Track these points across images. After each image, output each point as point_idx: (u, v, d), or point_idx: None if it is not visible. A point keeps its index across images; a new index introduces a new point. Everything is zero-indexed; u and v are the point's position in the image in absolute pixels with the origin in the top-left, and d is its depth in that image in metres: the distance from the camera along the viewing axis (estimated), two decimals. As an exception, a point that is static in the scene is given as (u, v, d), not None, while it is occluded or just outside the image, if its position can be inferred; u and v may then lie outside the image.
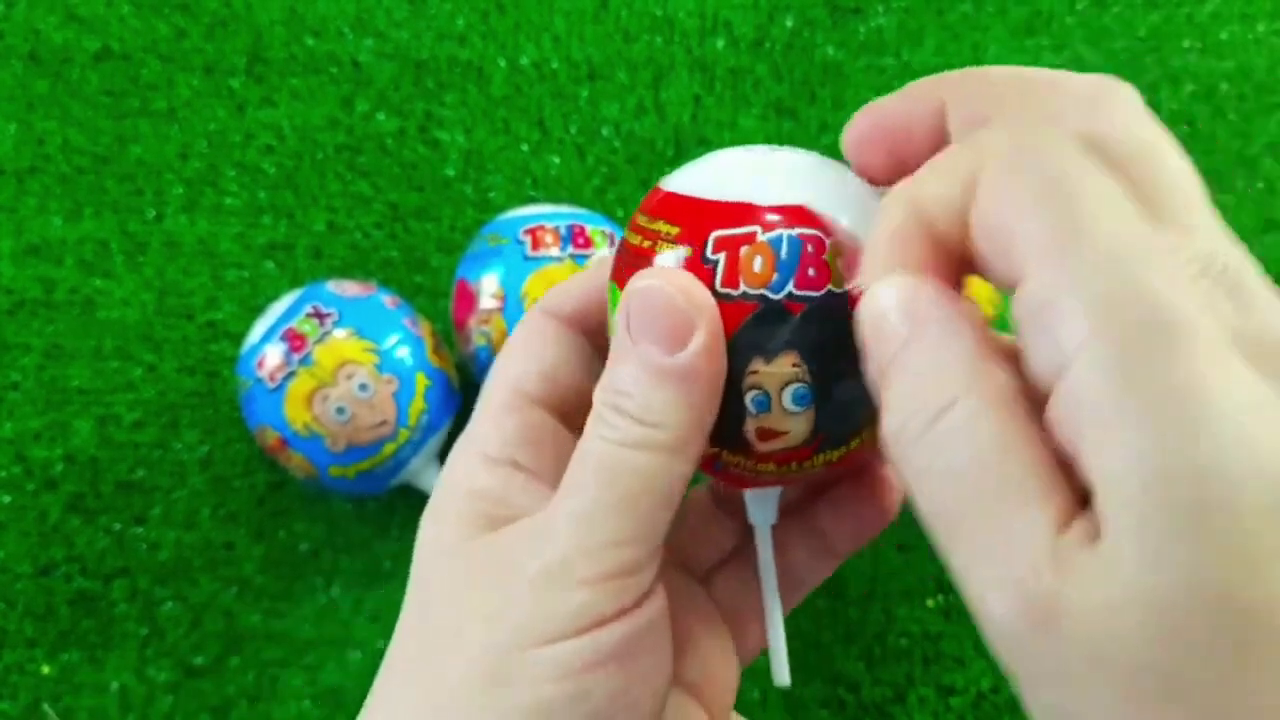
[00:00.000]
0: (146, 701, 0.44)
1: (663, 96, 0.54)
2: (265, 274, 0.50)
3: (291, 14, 0.54)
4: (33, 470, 0.47)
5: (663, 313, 0.20)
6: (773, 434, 0.22)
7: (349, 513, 0.47)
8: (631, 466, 0.21)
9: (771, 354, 0.21)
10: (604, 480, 0.21)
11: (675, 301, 0.20)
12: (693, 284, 0.21)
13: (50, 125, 0.52)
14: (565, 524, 0.21)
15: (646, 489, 0.21)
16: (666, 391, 0.20)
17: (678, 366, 0.20)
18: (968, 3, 0.56)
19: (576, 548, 0.20)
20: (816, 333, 0.21)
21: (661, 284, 0.21)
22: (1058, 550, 0.15)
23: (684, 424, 0.21)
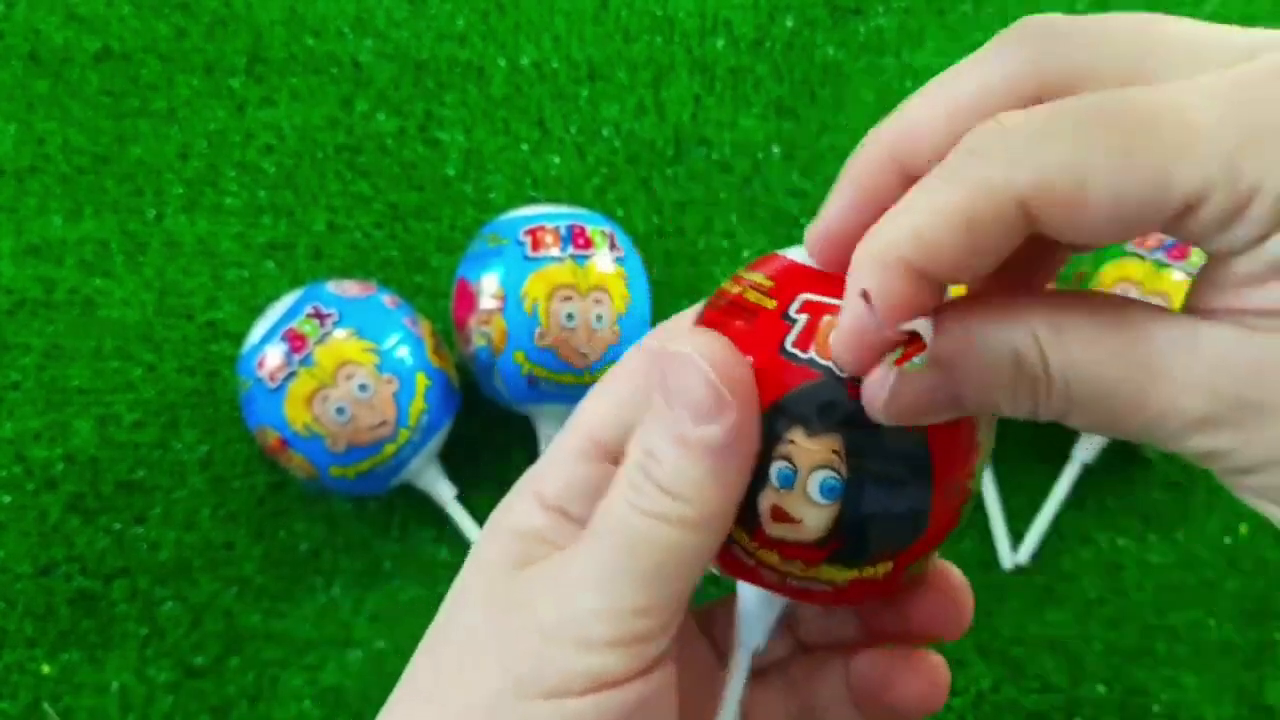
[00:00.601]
0: (146, 701, 0.44)
1: (663, 96, 0.54)
2: (265, 274, 0.50)
3: (291, 14, 0.54)
4: (33, 470, 0.47)
5: (692, 384, 0.20)
6: (786, 517, 0.20)
7: (349, 513, 0.47)
8: (653, 537, 0.20)
9: (815, 431, 0.19)
10: (624, 545, 0.20)
11: (707, 376, 0.20)
12: (731, 356, 0.20)
13: (50, 125, 0.52)
14: (582, 582, 0.20)
15: (667, 562, 0.20)
16: (696, 465, 0.20)
17: (707, 441, 0.20)
18: (968, 3, 0.56)
19: (591, 609, 0.20)
20: (869, 426, 0.19)
21: (695, 355, 0.20)
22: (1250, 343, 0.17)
23: (711, 501, 0.20)
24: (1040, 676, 0.44)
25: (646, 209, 0.52)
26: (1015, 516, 0.46)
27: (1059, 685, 0.44)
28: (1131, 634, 0.45)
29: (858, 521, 0.20)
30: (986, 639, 0.45)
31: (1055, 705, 0.44)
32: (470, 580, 0.23)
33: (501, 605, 0.22)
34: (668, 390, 0.20)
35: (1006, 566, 0.46)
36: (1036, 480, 0.46)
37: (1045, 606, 0.45)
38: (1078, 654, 0.44)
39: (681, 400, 0.20)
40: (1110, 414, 0.18)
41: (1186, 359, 0.17)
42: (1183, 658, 0.44)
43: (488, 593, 0.22)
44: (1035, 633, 0.45)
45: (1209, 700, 0.44)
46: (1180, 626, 0.45)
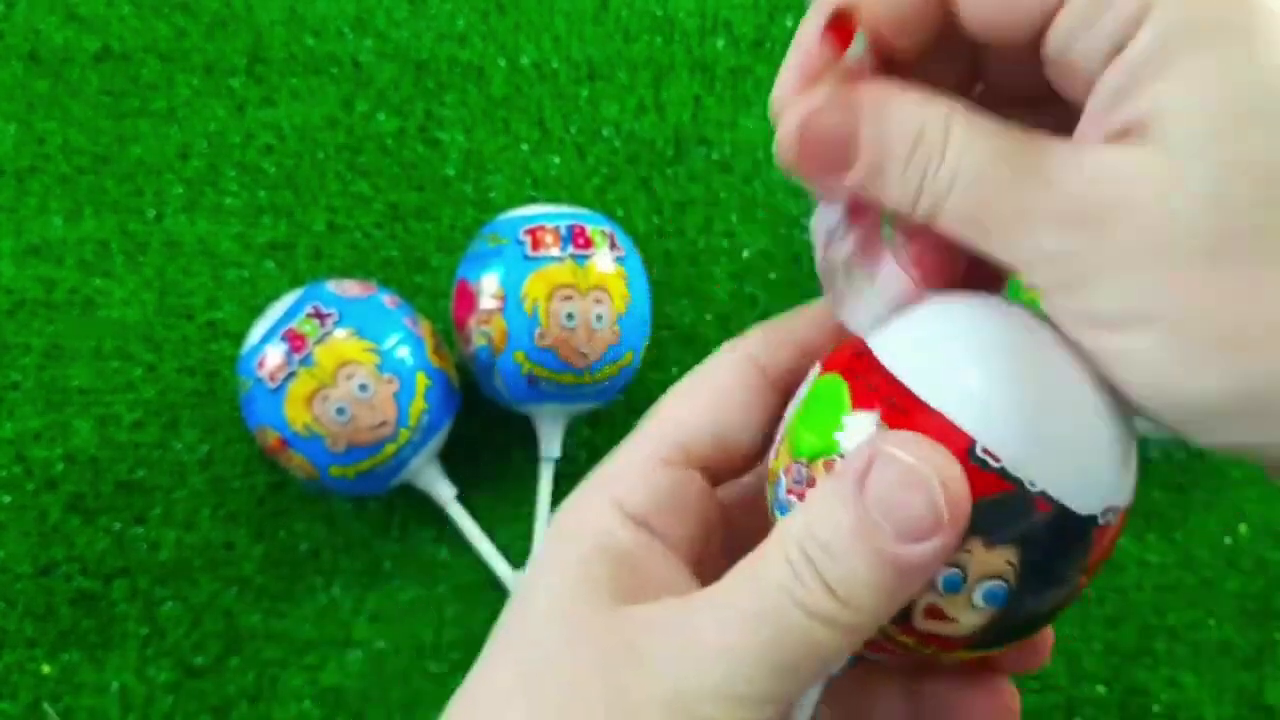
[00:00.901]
0: (147, 701, 0.44)
1: (663, 96, 0.54)
2: (265, 274, 0.50)
3: (291, 14, 0.54)
4: (33, 470, 0.47)
5: (915, 502, 0.18)
6: (943, 616, 0.19)
7: (349, 513, 0.47)
8: (806, 635, 0.18)
9: (995, 543, 0.18)
10: (770, 632, 0.19)
11: (935, 499, 0.18)
12: (958, 479, 0.18)
13: (50, 125, 0.52)
14: (715, 661, 0.19)
15: (810, 660, 0.19)
16: (875, 575, 0.18)
17: (902, 559, 0.18)
18: (968, 2, 0.56)
19: (718, 692, 0.19)
20: (1048, 542, 0.18)
21: (929, 471, 0.18)
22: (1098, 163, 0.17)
23: (878, 613, 0.19)
24: (1040, 676, 0.44)
25: (646, 209, 0.52)
26: (1015, 516, 0.46)
27: (1059, 685, 0.44)
28: (1131, 634, 0.45)
29: (1011, 622, 0.20)
30: (986, 639, 0.45)
31: (1055, 705, 0.44)
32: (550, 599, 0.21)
33: (608, 649, 0.19)
34: (874, 496, 0.18)
35: (1006, 566, 0.46)
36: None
37: (1045, 606, 0.45)
38: (1078, 654, 0.44)
39: (891, 513, 0.18)
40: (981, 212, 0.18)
41: (1063, 172, 0.18)
42: (1183, 658, 0.44)
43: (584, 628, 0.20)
44: (1035, 633, 0.45)
45: (1209, 700, 0.44)
46: (1180, 626, 0.45)
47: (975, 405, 0.18)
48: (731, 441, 0.22)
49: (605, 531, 0.21)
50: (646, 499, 0.21)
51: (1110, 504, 0.19)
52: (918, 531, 0.18)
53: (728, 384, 0.22)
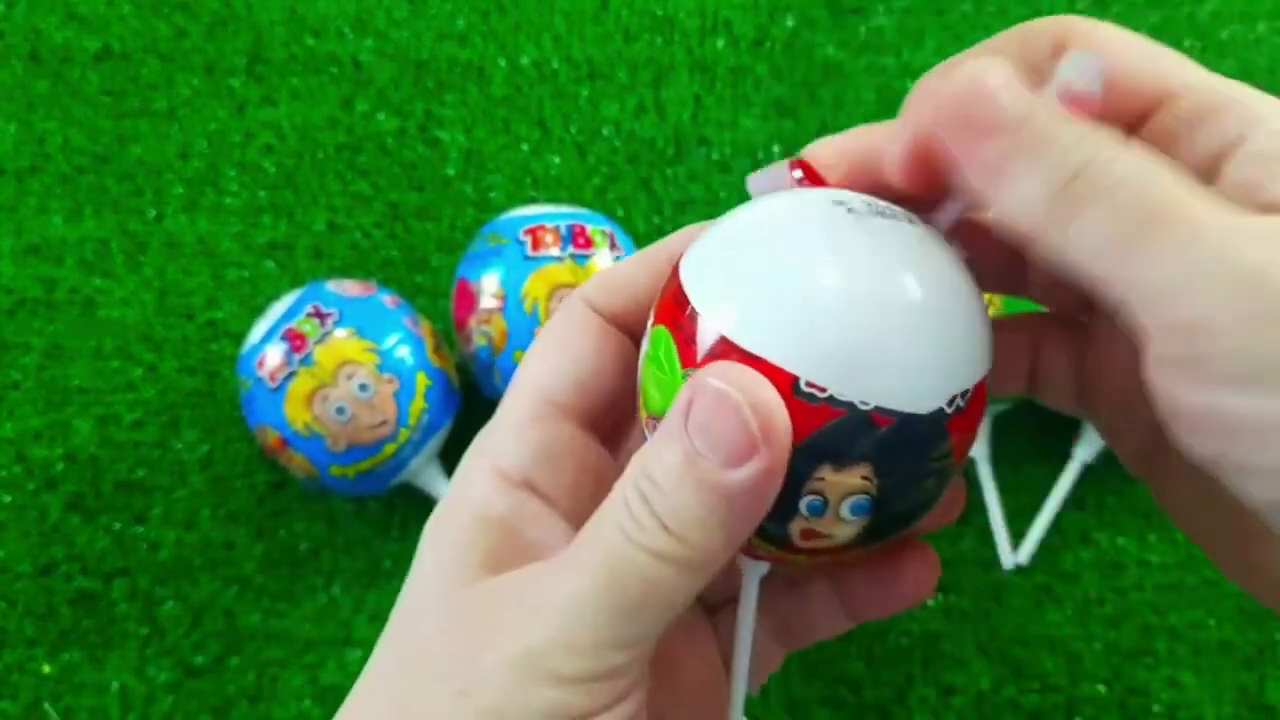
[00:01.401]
0: (147, 701, 0.44)
1: (663, 96, 0.54)
2: (265, 274, 0.50)
3: (292, 14, 0.54)
4: (33, 470, 0.47)
5: (729, 424, 0.18)
6: (817, 535, 0.20)
7: (349, 512, 0.47)
8: (643, 573, 0.19)
9: (843, 464, 0.19)
10: (612, 576, 0.19)
11: (746, 419, 0.18)
12: (769, 397, 0.18)
13: (50, 125, 0.52)
14: (558, 612, 0.19)
15: (652, 599, 0.19)
16: (705, 506, 0.18)
17: (726, 485, 0.18)
18: (968, 3, 0.56)
19: (563, 642, 0.19)
20: (897, 449, 0.19)
21: (737, 394, 0.18)
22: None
23: (713, 546, 0.19)
24: (1040, 676, 0.44)
25: (647, 209, 0.52)
26: (1015, 516, 0.46)
27: (1059, 685, 0.44)
28: (1131, 634, 0.45)
29: (886, 520, 0.20)
30: (986, 639, 0.45)
31: (1055, 705, 0.44)
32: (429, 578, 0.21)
33: (465, 622, 0.20)
34: (692, 424, 0.18)
35: (1007, 566, 0.46)
36: (1036, 480, 0.46)
37: (1045, 606, 0.45)
38: (1078, 654, 0.44)
39: (710, 439, 0.18)
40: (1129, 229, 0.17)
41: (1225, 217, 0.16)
42: (1183, 658, 0.44)
43: (451, 602, 0.20)
44: (1035, 633, 0.45)
45: (1209, 700, 0.44)
46: (1180, 626, 0.45)
47: (790, 344, 0.18)
48: (592, 387, 0.22)
49: (482, 500, 0.21)
50: (523, 457, 0.21)
51: (955, 391, 0.19)
52: (736, 454, 0.18)
53: (572, 334, 0.22)
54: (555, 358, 0.22)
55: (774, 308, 0.19)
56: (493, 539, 0.21)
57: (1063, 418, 0.46)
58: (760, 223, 0.20)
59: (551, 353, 0.23)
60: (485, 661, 0.19)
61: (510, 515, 0.21)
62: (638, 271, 0.23)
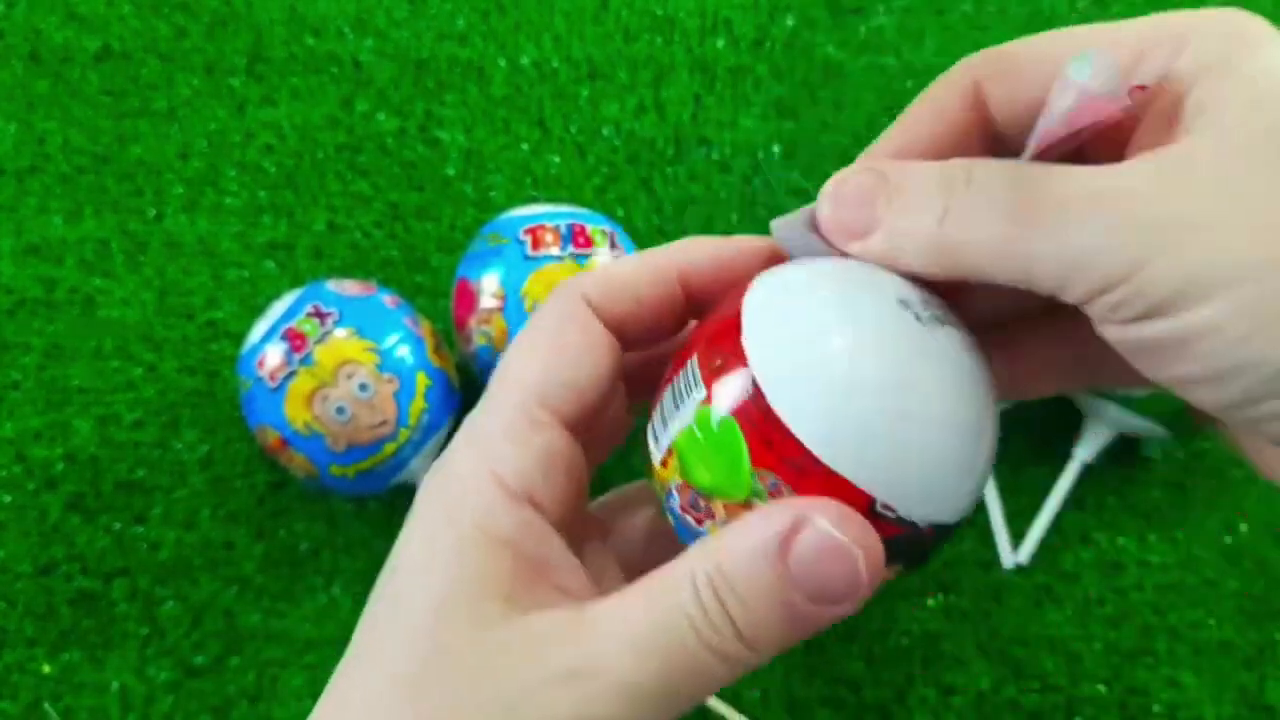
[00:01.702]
0: (147, 701, 0.44)
1: (663, 96, 0.54)
2: (265, 273, 0.50)
3: (292, 13, 0.54)
4: (33, 470, 0.47)
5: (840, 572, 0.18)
6: None
7: (349, 512, 0.47)
8: (705, 670, 0.19)
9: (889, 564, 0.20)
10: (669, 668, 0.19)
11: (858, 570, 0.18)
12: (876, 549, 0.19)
13: (50, 125, 0.52)
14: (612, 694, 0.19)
15: (699, 691, 0.19)
16: (789, 627, 0.19)
17: (820, 618, 0.19)
18: (968, 2, 0.56)
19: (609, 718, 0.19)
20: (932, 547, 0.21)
21: (853, 547, 0.18)
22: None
23: (776, 650, 0.19)
24: (1040, 676, 0.44)
25: (647, 208, 0.52)
26: (1015, 516, 0.46)
27: (1059, 685, 0.44)
28: (1131, 634, 0.45)
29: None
30: (986, 639, 0.45)
31: (1055, 705, 0.44)
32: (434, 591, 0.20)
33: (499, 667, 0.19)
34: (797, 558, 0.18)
35: (1007, 566, 0.46)
36: (1036, 480, 0.46)
37: (1045, 606, 0.45)
38: (1078, 654, 0.44)
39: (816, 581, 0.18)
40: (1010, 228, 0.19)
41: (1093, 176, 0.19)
42: (1183, 658, 0.44)
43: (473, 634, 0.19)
44: (1035, 633, 0.45)
45: (1209, 700, 0.44)
46: (1180, 626, 0.45)
47: (873, 468, 0.19)
48: (586, 394, 0.22)
49: (486, 513, 0.20)
50: (525, 470, 0.21)
51: (979, 497, 0.21)
52: (835, 596, 0.19)
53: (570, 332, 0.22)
54: (551, 356, 0.22)
55: (859, 429, 0.19)
56: (506, 565, 0.20)
57: (1063, 418, 0.46)
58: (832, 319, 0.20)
59: (547, 349, 0.22)
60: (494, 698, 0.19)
61: (518, 536, 0.20)
62: (640, 276, 0.22)
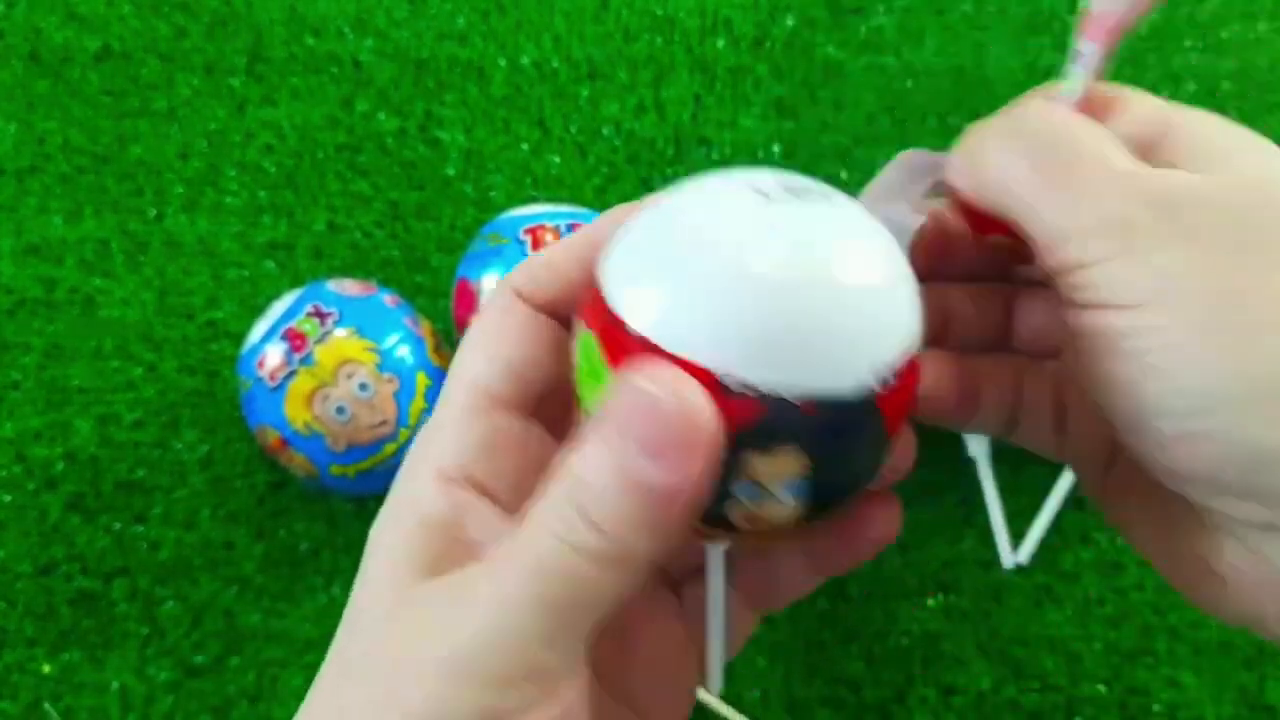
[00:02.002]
0: (147, 701, 0.44)
1: (663, 96, 0.54)
2: (265, 273, 0.50)
3: (292, 13, 0.54)
4: (33, 470, 0.47)
5: (656, 426, 0.18)
6: (759, 520, 0.20)
7: (349, 512, 0.47)
8: (571, 572, 0.18)
9: (773, 452, 0.19)
10: (539, 574, 0.18)
11: (674, 421, 0.18)
12: (701, 402, 0.18)
13: (50, 125, 0.52)
14: (484, 613, 0.19)
15: (581, 598, 0.19)
16: (634, 505, 0.18)
17: (655, 485, 0.18)
18: (968, 2, 0.56)
19: (489, 639, 0.18)
20: (826, 432, 0.19)
21: (665, 395, 0.18)
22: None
23: (642, 548, 0.18)
24: (1040, 676, 0.44)
25: (647, 208, 0.52)
26: (1015, 516, 0.46)
27: (1059, 685, 0.44)
28: (1131, 634, 0.45)
29: (827, 496, 0.20)
30: (986, 639, 0.45)
31: (1055, 705, 0.44)
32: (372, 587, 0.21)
33: (402, 628, 0.20)
34: (621, 423, 0.18)
35: (1007, 566, 0.46)
36: (1036, 480, 0.46)
37: (1045, 606, 0.45)
38: (1078, 654, 0.44)
39: (638, 440, 0.18)
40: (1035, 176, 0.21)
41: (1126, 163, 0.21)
42: (1183, 658, 0.44)
43: (389, 609, 0.20)
44: (1035, 633, 0.45)
45: (1209, 700, 0.44)
46: (1180, 626, 0.45)
47: (710, 341, 0.18)
48: (528, 375, 0.22)
49: (425, 501, 0.21)
50: (462, 454, 0.21)
51: (880, 369, 0.19)
52: (664, 455, 0.18)
53: (503, 323, 0.22)
54: (488, 348, 0.22)
55: (691, 306, 0.19)
56: (435, 543, 0.20)
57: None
58: (674, 218, 0.20)
59: (483, 343, 0.22)
60: (413, 666, 0.19)
61: (451, 515, 0.21)
62: (564, 257, 0.23)
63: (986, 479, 0.46)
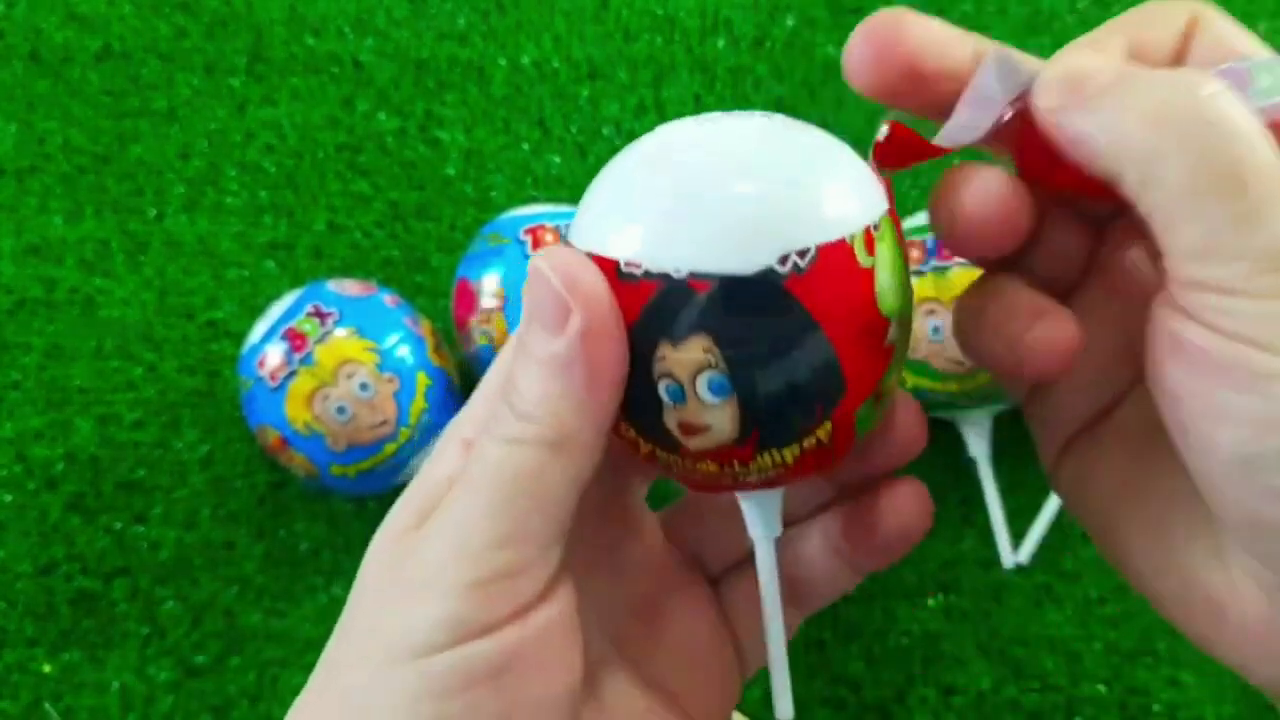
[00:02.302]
0: (147, 701, 0.44)
1: (663, 96, 0.54)
2: (266, 273, 0.50)
3: (292, 13, 0.54)
4: (33, 469, 0.47)
5: (542, 293, 0.19)
6: (695, 428, 0.20)
7: (350, 512, 0.47)
8: (509, 464, 0.19)
9: (678, 339, 0.19)
10: (485, 478, 0.19)
11: (551, 282, 0.19)
12: (575, 262, 0.19)
13: (51, 125, 0.52)
14: (445, 525, 0.19)
15: (524, 488, 0.19)
16: (543, 380, 0.19)
17: (553, 354, 0.19)
18: (969, 2, 0.56)
19: (452, 550, 0.19)
20: (727, 314, 0.18)
21: (543, 262, 0.19)
22: None
23: (564, 418, 0.19)
24: (1040, 676, 0.44)
25: (647, 208, 0.52)
26: (1015, 516, 0.46)
27: (1059, 685, 0.44)
28: (1132, 634, 0.45)
29: (758, 404, 0.19)
30: (986, 639, 0.45)
31: (1055, 705, 0.44)
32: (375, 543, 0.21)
33: (387, 565, 0.20)
34: (525, 309, 0.19)
35: (1007, 566, 0.46)
36: (1036, 480, 0.46)
37: (1045, 606, 0.45)
38: (1078, 654, 0.44)
39: (534, 319, 0.19)
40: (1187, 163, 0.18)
41: None
42: (1183, 657, 0.44)
43: (380, 556, 0.21)
44: (1035, 632, 0.45)
45: (1209, 700, 0.44)
46: (1180, 626, 0.45)
47: (604, 231, 0.19)
48: None
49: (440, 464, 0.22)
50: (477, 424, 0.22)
51: (785, 250, 0.18)
52: (554, 321, 0.19)
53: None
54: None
55: (596, 206, 0.20)
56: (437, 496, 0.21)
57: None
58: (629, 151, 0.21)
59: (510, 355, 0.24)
60: (394, 593, 0.19)
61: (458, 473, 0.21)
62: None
63: (986, 479, 0.46)
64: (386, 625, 0.19)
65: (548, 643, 0.19)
